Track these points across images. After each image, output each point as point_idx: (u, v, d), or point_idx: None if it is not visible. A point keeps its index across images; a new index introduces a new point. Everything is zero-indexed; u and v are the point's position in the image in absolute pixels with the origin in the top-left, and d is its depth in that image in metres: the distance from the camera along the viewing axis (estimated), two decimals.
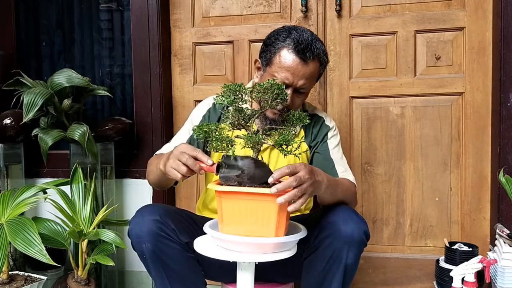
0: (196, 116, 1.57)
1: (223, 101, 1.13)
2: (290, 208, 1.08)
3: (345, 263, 1.24)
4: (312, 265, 1.31)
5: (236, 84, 1.15)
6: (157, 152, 1.54)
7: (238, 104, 1.13)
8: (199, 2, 2.17)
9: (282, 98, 1.16)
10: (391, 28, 2.00)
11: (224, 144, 1.11)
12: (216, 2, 2.15)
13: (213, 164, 1.12)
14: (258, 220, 1.09)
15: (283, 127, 1.19)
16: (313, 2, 2.05)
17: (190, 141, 1.50)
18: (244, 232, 1.10)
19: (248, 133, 1.14)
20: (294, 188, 1.08)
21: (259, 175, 1.10)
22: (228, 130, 1.16)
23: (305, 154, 1.52)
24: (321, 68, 1.45)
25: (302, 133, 1.53)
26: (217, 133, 1.11)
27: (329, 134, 1.53)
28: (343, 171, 1.46)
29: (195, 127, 1.15)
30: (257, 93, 1.15)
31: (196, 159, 1.14)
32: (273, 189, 1.05)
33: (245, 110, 1.16)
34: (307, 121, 1.20)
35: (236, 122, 1.15)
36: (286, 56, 1.38)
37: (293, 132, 1.19)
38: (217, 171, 1.12)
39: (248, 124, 1.16)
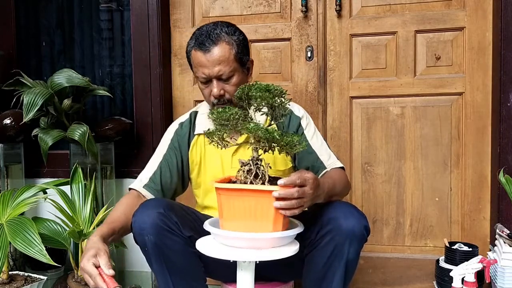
0: (165, 140, 1.57)
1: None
2: (282, 213, 1.10)
3: (346, 258, 1.25)
4: (313, 261, 1.31)
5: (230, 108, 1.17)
6: (131, 186, 1.50)
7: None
8: (199, 2, 2.17)
9: (262, 97, 1.15)
10: (391, 28, 2.00)
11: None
12: (216, 2, 2.15)
13: (114, 274, 1.17)
14: (257, 216, 1.10)
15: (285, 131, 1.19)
16: (313, 2, 2.05)
17: (161, 167, 1.50)
18: (243, 228, 1.10)
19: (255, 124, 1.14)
20: (294, 198, 1.09)
21: None
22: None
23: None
24: (233, 48, 1.40)
25: (274, 126, 1.44)
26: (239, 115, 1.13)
27: (303, 124, 1.49)
28: (328, 159, 1.46)
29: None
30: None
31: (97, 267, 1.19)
32: (275, 193, 1.08)
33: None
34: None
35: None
36: (194, 55, 1.42)
37: (262, 123, 1.20)
38: None
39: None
